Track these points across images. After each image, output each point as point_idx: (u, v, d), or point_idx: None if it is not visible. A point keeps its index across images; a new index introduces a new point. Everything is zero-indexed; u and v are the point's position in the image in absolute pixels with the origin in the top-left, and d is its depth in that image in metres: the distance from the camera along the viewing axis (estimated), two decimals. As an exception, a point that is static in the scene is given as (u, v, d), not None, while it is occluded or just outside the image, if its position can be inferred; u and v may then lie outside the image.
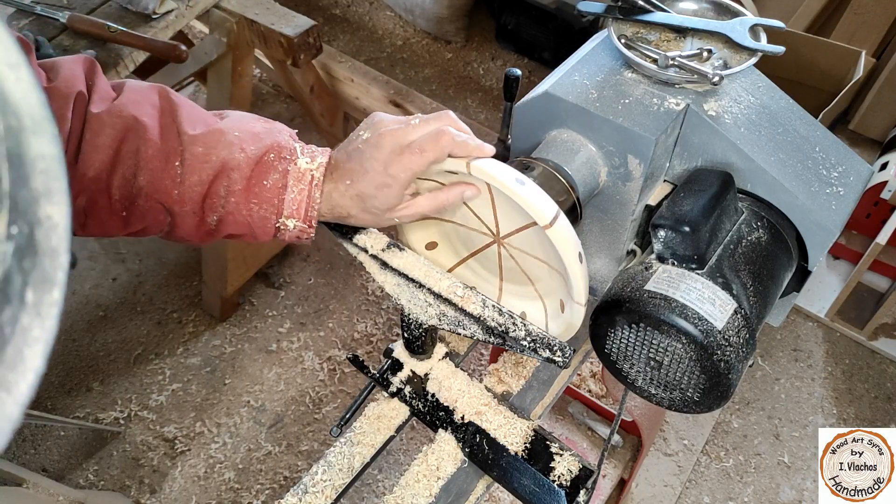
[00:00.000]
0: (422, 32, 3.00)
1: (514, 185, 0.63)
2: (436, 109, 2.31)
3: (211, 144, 0.66)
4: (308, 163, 0.69)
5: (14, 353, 0.22)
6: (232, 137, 0.67)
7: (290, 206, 0.68)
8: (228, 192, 0.67)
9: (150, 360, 2.02)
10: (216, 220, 0.69)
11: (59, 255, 0.23)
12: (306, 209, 0.69)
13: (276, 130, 0.70)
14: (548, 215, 0.63)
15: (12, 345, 0.22)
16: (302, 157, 0.69)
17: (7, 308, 0.22)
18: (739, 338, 0.65)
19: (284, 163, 0.68)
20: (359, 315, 2.11)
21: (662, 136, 0.71)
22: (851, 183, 0.76)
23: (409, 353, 0.83)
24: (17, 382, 0.22)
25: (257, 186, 0.67)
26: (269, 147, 0.68)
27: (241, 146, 0.67)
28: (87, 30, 1.35)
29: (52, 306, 0.23)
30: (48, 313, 0.23)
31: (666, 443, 1.83)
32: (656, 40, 0.78)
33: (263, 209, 0.68)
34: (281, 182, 0.68)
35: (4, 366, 0.22)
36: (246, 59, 1.71)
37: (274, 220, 0.69)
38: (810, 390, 1.95)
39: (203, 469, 1.81)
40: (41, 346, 0.23)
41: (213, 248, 1.98)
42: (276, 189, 0.68)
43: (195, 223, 0.68)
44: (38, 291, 0.23)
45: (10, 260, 0.22)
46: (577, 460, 0.73)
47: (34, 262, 0.23)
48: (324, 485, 0.77)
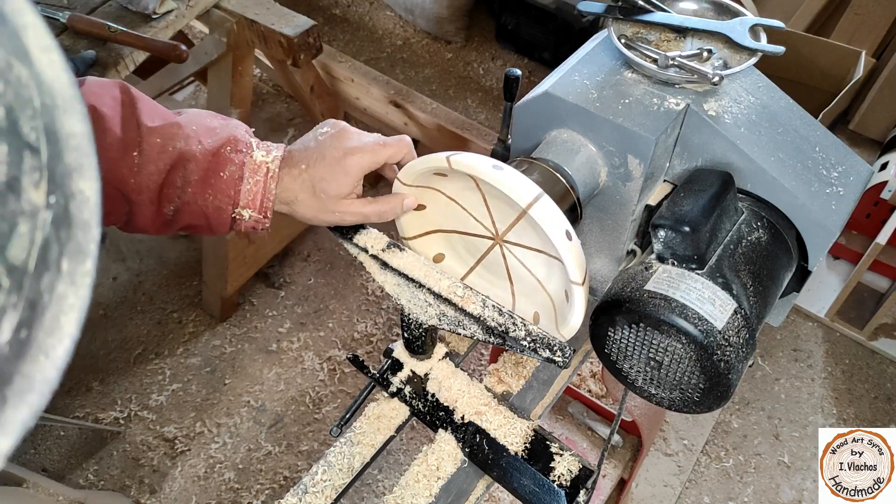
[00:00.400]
0: (422, 32, 3.00)
1: (492, 171, 0.64)
2: (436, 110, 2.31)
3: (168, 136, 0.68)
4: (264, 156, 0.71)
5: (52, 320, 0.23)
6: (189, 130, 0.69)
7: (246, 198, 0.71)
8: (185, 183, 0.69)
9: (150, 359, 2.02)
10: (173, 211, 0.71)
11: (91, 228, 0.25)
12: (262, 200, 0.71)
13: (232, 125, 0.73)
14: (527, 197, 0.63)
15: (50, 311, 0.23)
16: (258, 150, 0.72)
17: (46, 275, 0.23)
18: (739, 338, 0.65)
19: (241, 155, 0.70)
20: (359, 315, 2.11)
21: (662, 136, 0.71)
22: (851, 183, 0.76)
23: (409, 353, 0.83)
24: (54, 347, 0.23)
25: (214, 178, 0.70)
26: (225, 140, 0.70)
27: (199, 139, 0.69)
28: (88, 30, 1.35)
29: (86, 276, 0.24)
30: (82, 283, 0.24)
31: (666, 443, 1.83)
32: (656, 40, 0.78)
33: (219, 200, 0.70)
34: (237, 174, 0.70)
35: (43, 331, 0.23)
36: (246, 59, 1.71)
37: (230, 210, 0.71)
38: (810, 390, 1.95)
39: (203, 469, 1.81)
40: (76, 313, 0.24)
41: (213, 248, 1.98)
42: (233, 180, 0.70)
43: (152, 213, 0.70)
44: (73, 262, 0.24)
45: (49, 228, 0.23)
46: (577, 460, 0.73)
47: (69, 234, 0.24)
48: (324, 485, 0.77)
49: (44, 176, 0.23)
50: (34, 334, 0.23)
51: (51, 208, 0.23)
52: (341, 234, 0.78)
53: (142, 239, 2.31)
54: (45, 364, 0.23)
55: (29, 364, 0.22)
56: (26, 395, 0.22)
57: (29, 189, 0.23)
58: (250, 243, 2.01)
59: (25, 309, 0.22)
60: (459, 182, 0.73)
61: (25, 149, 0.23)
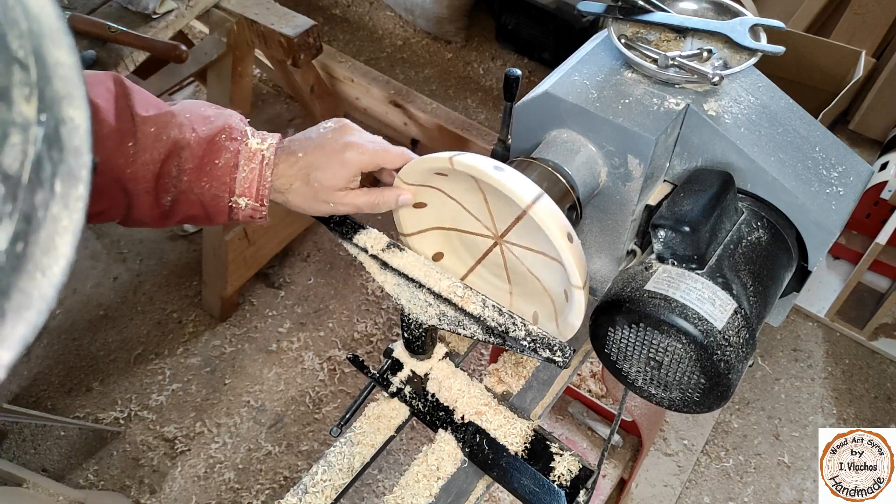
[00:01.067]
0: (422, 32, 3.00)
1: (493, 171, 0.64)
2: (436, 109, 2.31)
3: (162, 125, 0.68)
4: (259, 143, 0.71)
5: (47, 239, 0.24)
6: (183, 119, 0.69)
7: (242, 185, 0.71)
8: (181, 172, 0.69)
9: (150, 360, 2.02)
10: (170, 201, 0.71)
11: (82, 154, 0.26)
12: (258, 188, 0.71)
13: (226, 114, 0.73)
14: (528, 197, 0.63)
15: (45, 230, 0.24)
16: (253, 138, 0.71)
17: (40, 191, 0.24)
18: (739, 338, 0.65)
19: (235, 143, 0.70)
20: (359, 315, 2.11)
21: (662, 136, 0.71)
22: (851, 183, 0.76)
23: (409, 353, 0.83)
24: (50, 266, 0.24)
25: (209, 165, 0.69)
26: (220, 128, 0.70)
27: (193, 127, 0.69)
28: (88, 30, 1.36)
29: (79, 200, 0.25)
30: (75, 206, 0.25)
31: (666, 443, 1.83)
32: (656, 40, 0.78)
33: (215, 188, 0.70)
34: (232, 161, 0.70)
35: (39, 249, 0.24)
36: (246, 59, 1.71)
37: (226, 198, 0.71)
38: (810, 390, 1.95)
39: (203, 469, 1.81)
40: (70, 236, 0.25)
41: (213, 248, 1.98)
42: (228, 168, 0.70)
43: (150, 203, 0.70)
44: (66, 185, 0.25)
45: (41, 145, 0.24)
46: (577, 460, 0.73)
47: (61, 157, 0.25)
48: (324, 485, 0.77)
49: (34, 93, 0.24)
50: (30, 250, 0.23)
51: (42, 125, 0.24)
52: (341, 234, 0.78)
53: (142, 240, 2.31)
54: (41, 282, 0.24)
55: (26, 280, 0.23)
56: (24, 311, 0.23)
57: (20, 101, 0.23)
58: (250, 244, 2.01)
59: (21, 221, 0.23)
60: (461, 182, 0.73)
61: (14, 63, 0.23)
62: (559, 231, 0.63)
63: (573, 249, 0.64)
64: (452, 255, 0.82)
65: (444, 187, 0.76)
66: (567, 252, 0.63)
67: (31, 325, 0.23)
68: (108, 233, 2.33)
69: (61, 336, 2.07)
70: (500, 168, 0.65)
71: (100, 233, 2.33)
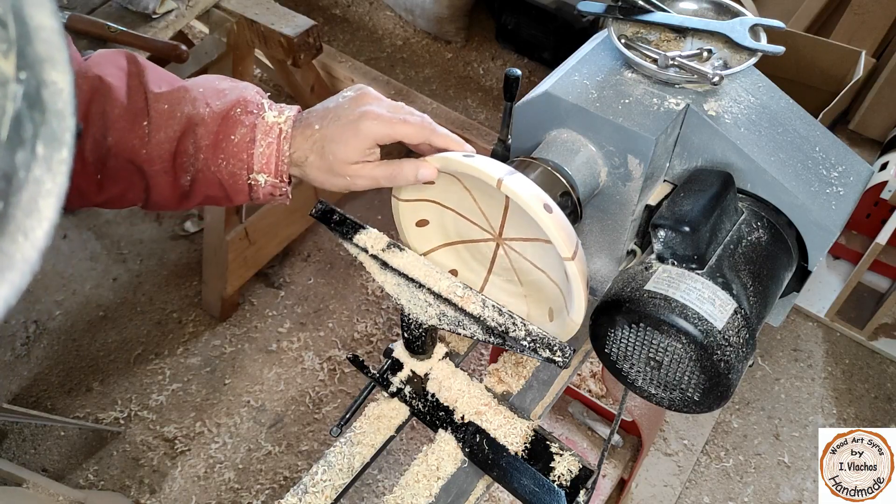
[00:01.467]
0: (422, 32, 3.00)
1: (462, 159, 0.64)
2: (436, 110, 2.31)
3: (175, 101, 0.66)
4: (276, 116, 0.68)
5: (29, 201, 0.24)
6: (196, 94, 0.67)
7: (260, 161, 0.68)
8: (197, 149, 0.67)
9: (150, 360, 2.02)
10: (189, 180, 0.68)
11: (65, 118, 0.25)
12: (276, 163, 0.68)
13: (241, 86, 0.70)
14: (497, 174, 0.63)
15: (27, 191, 0.24)
16: (269, 111, 0.69)
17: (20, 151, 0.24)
18: (739, 338, 0.65)
19: (251, 117, 0.67)
20: (359, 315, 2.11)
21: (662, 136, 0.71)
22: (851, 183, 0.76)
23: (409, 353, 0.83)
24: (33, 228, 0.24)
25: (225, 141, 0.67)
26: (234, 102, 0.67)
27: (206, 101, 0.67)
28: (88, 30, 1.36)
29: (62, 164, 0.25)
30: (59, 170, 0.25)
31: (666, 443, 1.83)
32: (656, 40, 0.78)
33: (233, 164, 0.67)
34: (249, 136, 0.67)
35: (21, 211, 0.23)
36: (246, 59, 1.71)
37: (245, 175, 0.68)
38: (810, 390, 1.95)
39: (203, 469, 1.81)
40: (54, 199, 0.24)
41: (213, 248, 1.98)
42: (245, 143, 0.67)
43: (169, 184, 0.68)
44: (49, 148, 0.24)
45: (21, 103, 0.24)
46: (577, 460, 0.73)
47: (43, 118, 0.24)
48: (324, 485, 0.77)
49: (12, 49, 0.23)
50: (11, 211, 0.23)
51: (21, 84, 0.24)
52: (341, 234, 0.78)
53: (142, 240, 2.31)
54: (24, 244, 0.23)
55: (8, 241, 0.23)
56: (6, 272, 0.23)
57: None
58: (250, 244, 2.01)
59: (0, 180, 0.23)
60: (448, 187, 0.74)
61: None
62: (534, 201, 0.62)
63: (553, 219, 0.62)
64: (465, 270, 0.82)
65: (436, 197, 0.76)
66: (547, 221, 0.62)
67: (14, 287, 0.23)
68: (107, 233, 2.33)
69: (61, 336, 2.07)
70: (469, 155, 0.65)
71: (99, 233, 2.33)
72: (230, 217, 1.92)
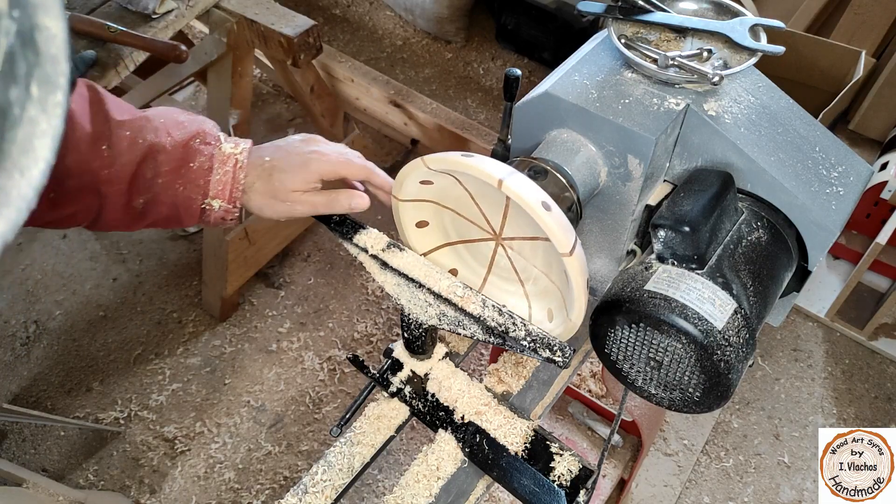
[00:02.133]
0: (422, 32, 3.00)
1: (462, 159, 0.65)
2: (436, 110, 2.32)
3: (137, 129, 0.70)
4: (232, 147, 0.74)
5: (25, 140, 0.24)
6: (158, 123, 0.71)
7: (216, 188, 0.73)
8: (156, 174, 0.71)
9: (150, 360, 2.02)
10: (142, 203, 0.72)
11: (59, 63, 0.25)
12: (231, 190, 0.73)
13: (200, 120, 0.75)
14: (497, 174, 0.63)
15: (22, 130, 0.24)
16: (226, 143, 0.74)
17: (14, 87, 0.23)
18: (739, 338, 0.65)
19: (210, 147, 0.72)
20: (359, 315, 2.11)
21: (662, 136, 0.71)
22: (851, 183, 0.76)
23: (409, 353, 0.83)
24: (29, 167, 0.24)
25: (184, 168, 0.71)
26: (194, 133, 0.73)
27: (168, 131, 0.71)
28: (87, 30, 1.36)
29: (57, 107, 0.25)
30: (53, 112, 0.25)
31: (666, 443, 1.83)
32: (656, 40, 0.78)
33: (189, 190, 0.72)
34: (207, 164, 0.72)
35: (17, 148, 0.23)
36: (246, 59, 1.71)
37: (200, 200, 0.73)
38: (810, 390, 1.95)
39: (203, 469, 1.81)
40: (49, 140, 0.24)
41: (213, 248, 1.98)
42: (203, 171, 0.72)
43: (122, 206, 0.71)
44: (43, 90, 0.24)
45: (14, 39, 0.23)
46: (577, 460, 0.73)
47: (37, 60, 0.24)
48: (324, 485, 0.77)
49: None
50: (7, 147, 0.23)
51: (14, 21, 0.23)
52: (341, 234, 0.78)
53: (142, 240, 2.31)
54: (20, 181, 0.23)
55: (4, 177, 0.23)
56: (3, 208, 0.23)
57: None
58: (250, 244, 2.01)
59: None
60: (446, 187, 0.74)
61: None
62: (534, 200, 0.62)
63: (552, 217, 0.63)
64: (465, 269, 0.82)
65: (435, 197, 0.76)
66: (546, 219, 0.62)
67: (11, 223, 0.23)
68: (107, 234, 2.33)
69: (61, 336, 2.07)
70: (469, 155, 0.65)
71: (99, 234, 2.33)
72: (230, 217, 1.92)
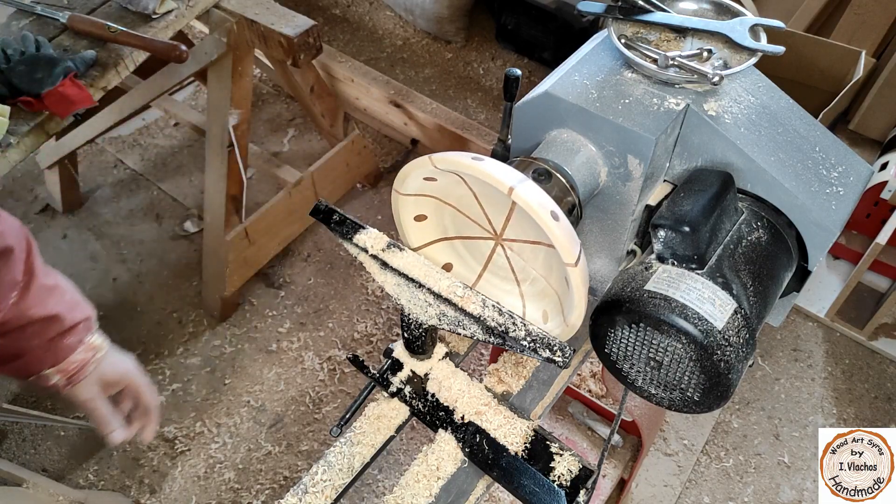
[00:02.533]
0: (422, 32, 3.00)
1: (472, 162, 0.65)
2: (436, 110, 2.32)
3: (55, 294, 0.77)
4: (100, 341, 0.83)
5: None
6: (69, 297, 0.79)
7: (68, 364, 0.79)
8: (35, 333, 0.75)
9: (150, 359, 2.02)
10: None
11: None
12: (76, 372, 0.80)
13: (89, 307, 0.83)
14: (508, 181, 0.63)
15: None
16: (98, 335, 0.83)
17: None
18: (739, 338, 0.65)
19: (85, 332, 0.81)
20: (359, 315, 2.11)
21: (662, 136, 0.71)
22: (851, 183, 0.76)
23: (409, 353, 0.83)
24: None
25: (59, 339, 0.77)
26: (87, 316, 0.81)
27: (70, 306, 0.79)
28: (88, 30, 1.35)
29: None
30: None
31: (666, 443, 1.83)
32: (656, 40, 0.78)
33: (46, 355, 0.77)
34: (76, 346, 0.79)
35: None
36: (246, 59, 1.71)
37: (46, 367, 0.78)
38: (810, 390, 1.95)
39: (203, 469, 1.81)
40: None
41: (213, 248, 1.98)
42: (70, 349, 0.79)
43: None
44: None
45: None
46: (577, 460, 0.73)
47: None
48: (324, 485, 0.77)
49: None
50: None
51: None
52: (341, 235, 0.78)
53: (142, 240, 2.31)
54: None
55: None
56: None
57: None
58: (250, 244, 2.01)
59: None
60: (450, 184, 0.74)
61: None
62: (543, 209, 0.62)
63: (560, 227, 0.63)
64: (460, 264, 0.82)
65: (437, 193, 0.76)
66: (554, 229, 0.62)
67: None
68: (107, 233, 2.33)
69: (61, 336, 2.07)
70: (479, 158, 0.65)
71: (99, 234, 2.33)
72: (230, 217, 1.92)
